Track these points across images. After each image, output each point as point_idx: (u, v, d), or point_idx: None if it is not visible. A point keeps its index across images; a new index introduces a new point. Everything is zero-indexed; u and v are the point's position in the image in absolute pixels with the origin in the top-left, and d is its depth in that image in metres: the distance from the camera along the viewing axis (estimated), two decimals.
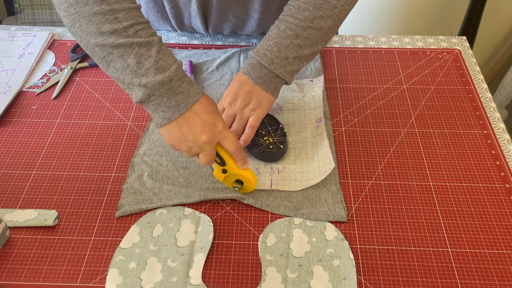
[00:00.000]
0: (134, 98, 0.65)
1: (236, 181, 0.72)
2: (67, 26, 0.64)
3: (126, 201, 0.73)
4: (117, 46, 0.62)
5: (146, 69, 0.63)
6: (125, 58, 0.62)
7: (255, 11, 0.93)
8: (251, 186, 0.73)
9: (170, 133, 0.66)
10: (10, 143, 0.83)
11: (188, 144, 0.67)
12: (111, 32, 0.61)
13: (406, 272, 0.65)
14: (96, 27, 0.61)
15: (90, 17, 0.61)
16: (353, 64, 0.98)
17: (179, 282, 0.64)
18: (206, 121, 0.66)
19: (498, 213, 0.72)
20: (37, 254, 0.67)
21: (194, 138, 0.66)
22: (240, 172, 0.71)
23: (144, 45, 0.63)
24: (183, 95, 0.65)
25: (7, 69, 0.96)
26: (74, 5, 0.61)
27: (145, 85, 0.63)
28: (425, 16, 1.74)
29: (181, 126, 0.66)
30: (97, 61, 0.65)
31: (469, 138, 0.83)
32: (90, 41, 0.63)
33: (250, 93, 0.75)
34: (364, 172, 0.78)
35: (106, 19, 0.61)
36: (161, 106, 0.64)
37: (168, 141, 0.68)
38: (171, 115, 0.65)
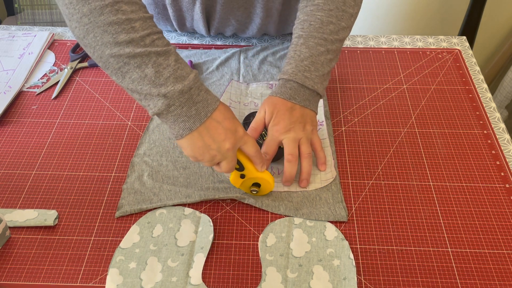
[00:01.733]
0: (152, 109, 0.62)
1: (253, 184, 0.72)
2: (79, 38, 0.62)
3: (126, 201, 0.73)
4: (134, 56, 0.60)
5: (165, 78, 0.61)
6: (143, 68, 0.60)
7: (257, 16, 0.93)
8: (269, 187, 0.72)
9: (192, 143, 0.64)
10: (10, 143, 0.83)
11: (212, 153, 0.65)
12: (128, 41, 0.59)
13: (406, 272, 0.65)
14: (112, 37, 0.59)
15: (106, 27, 0.59)
16: (353, 64, 0.98)
17: (179, 282, 0.64)
18: (227, 128, 0.65)
19: (498, 213, 0.72)
20: (37, 254, 0.67)
21: (218, 146, 0.65)
22: (259, 175, 0.70)
23: (162, 54, 0.61)
24: (203, 103, 0.63)
25: (7, 69, 0.96)
26: (88, 16, 0.59)
27: (165, 94, 0.61)
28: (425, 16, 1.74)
29: (203, 136, 0.64)
30: (111, 72, 0.62)
31: (469, 138, 0.83)
32: (104, 52, 0.60)
33: (303, 116, 0.74)
34: (364, 172, 0.78)
35: (122, 29, 0.59)
36: (181, 116, 0.63)
37: (190, 153, 0.66)
38: (192, 125, 0.63)
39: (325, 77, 0.76)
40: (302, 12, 0.78)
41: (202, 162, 0.67)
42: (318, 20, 0.75)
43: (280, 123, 0.73)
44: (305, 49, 0.75)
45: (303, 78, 0.73)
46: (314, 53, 0.74)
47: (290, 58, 0.76)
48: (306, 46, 0.75)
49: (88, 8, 0.58)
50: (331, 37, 0.75)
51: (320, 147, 0.76)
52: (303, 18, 0.77)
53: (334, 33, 0.76)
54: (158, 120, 0.86)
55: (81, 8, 0.58)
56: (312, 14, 0.76)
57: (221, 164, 0.67)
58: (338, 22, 0.76)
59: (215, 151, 0.65)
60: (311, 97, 0.75)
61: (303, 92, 0.74)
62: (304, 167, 0.74)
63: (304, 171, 0.74)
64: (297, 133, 0.74)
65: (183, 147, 0.66)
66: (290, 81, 0.74)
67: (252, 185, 0.72)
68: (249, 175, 0.70)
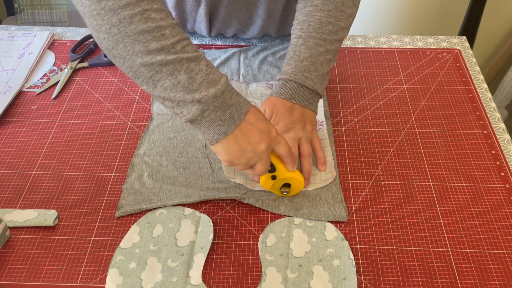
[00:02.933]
0: (186, 116, 0.62)
1: (284, 185, 0.71)
2: (107, 49, 0.60)
3: (126, 201, 0.73)
4: (166, 63, 0.59)
5: (198, 84, 0.60)
6: (175, 75, 0.59)
7: (259, 18, 0.93)
8: (300, 186, 0.72)
9: (228, 148, 0.64)
10: (10, 143, 0.83)
11: (248, 156, 0.65)
12: (160, 49, 0.58)
13: (406, 272, 0.65)
14: (143, 46, 0.58)
15: (136, 36, 0.58)
16: (353, 64, 0.98)
17: (179, 282, 0.64)
18: (261, 129, 0.64)
19: (498, 213, 0.72)
20: (37, 254, 0.67)
21: (254, 148, 0.64)
22: (289, 175, 0.70)
23: (193, 60, 0.60)
24: (235, 106, 0.63)
25: (7, 69, 0.96)
26: (117, 26, 0.58)
27: (199, 100, 0.60)
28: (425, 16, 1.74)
29: (238, 139, 0.63)
30: (142, 82, 0.61)
31: (469, 138, 0.83)
32: (135, 62, 0.59)
33: (303, 116, 0.75)
34: (364, 172, 0.78)
35: (153, 37, 0.58)
36: (216, 121, 0.62)
37: (225, 157, 0.65)
38: (227, 129, 0.62)
39: (324, 77, 0.76)
40: (300, 12, 0.79)
41: (237, 166, 0.66)
42: (317, 21, 0.75)
43: (280, 123, 0.73)
44: (304, 49, 0.75)
45: (303, 78, 0.74)
46: (313, 53, 0.74)
47: (289, 59, 0.76)
48: (305, 47, 0.75)
49: (118, 18, 0.57)
50: (330, 37, 0.75)
51: (320, 147, 0.76)
52: (302, 18, 0.77)
53: (333, 34, 0.76)
54: (158, 120, 0.86)
55: (110, 19, 0.57)
56: (311, 14, 0.76)
57: (256, 166, 0.66)
58: (337, 22, 0.76)
59: (251, 153, 0.64)
60: (311, 97, 0.75)
61: (303, 92, 0.74)
62: (305, 167, 0.74)
63: (305, 170, 0.74)
64: (297, 133, 0.74)
65: (218, 152, 0.65)
66: (290, 81, 0.74)
67: (282, 186, 0.72)
68: (280, 176, 0.70)
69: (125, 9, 0.57)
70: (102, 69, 0.97)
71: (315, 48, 0.75)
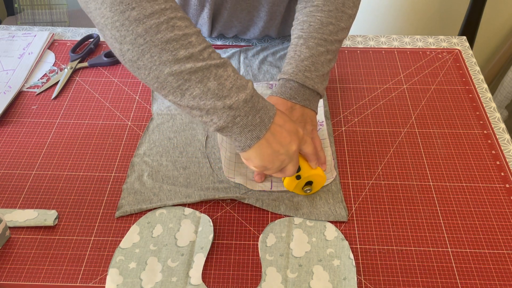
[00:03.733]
0: (216, 123, 0.60)
1: (306, 183, 0.71)
2: (131, 60, 0.58)
3: (126, 201, 0.73)
4: (195, 71, 0.58)
5: (228, 89, 0.59)
6: (205, 82, 0.58)
7: (260, 19, 0.93)
8: (322, 182, 0.72)
9: (261, 152, 0.63)
10: (10, 143, 0.83)
11: (281, 158, 0.64)
12: (188, 57, 0.57)
13: (406, 272, 0.65)
14: (171, 55, 0.56)
15: (163, 45, 0.56)
16: (353, 64, 0.98)
17: (179, 282, 0.64)
18: (290, 130, 0.64)
19: (498, 213, 0.72)
20: (37, 254, 0.67)
21: (286, 150, 0.64)
22: (312, 172, 0.70)
23: (221, 66, 0.59)
24: (264, 110, 0.62)
25: (7, 69, 0.96)
26: (143, 36, 0.55)
27: (230, 106, 0.59)
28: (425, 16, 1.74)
29: (270, 142, 0.63)
30: (168, 92, 0.59)
31: (469, 138, 0.83)
32: (163, 71, 0.57)
33: (303, 116, 0.74)
34: (364, 172, 0.78)
35: (180, 45, 0.57)
36: (247, 126, 0.61)
37: (259, 162, 0.64)
38: (259, 133, 0.62)
39: (325, 77, 0.76)
40: (301, 13, 0.79)
41: (270, 170, 0.66)
42: (318, 21, 0.75)
43: None
44: (305, 49, 0.75)
45: (303, 78, 0.74)
46: (314, 53, 0.74)
47: (290, 58, 0.76)
48: (306, 47, 0.75)
49: (143, 28, 0.55)
50: (331, 37, 0.76)
51: (320, 147, 0.76)
52: (302, 19, 0.77)
53: (334, 34, 0.76)
54: (158, 120, 0.86)
55: (135, 29, 0.55)
56: (312, 15, 0.76)
57: (287, 168, 0.66)
58: (338, 23, 0.76)
59: (283, 155, 0.64)
60: (311, 97, 0.75)
61: (303, 92, 0.74)
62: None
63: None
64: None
65: (251, 159, 0.64)
66: (290, 81, 0.74)
67: (305, 185, 0.72)
68: (305, 174, 0.70)
69: (150, 18, 0.55)
70: (102, 69, 0.97)
71: (316, 48, 0.75)
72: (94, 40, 1.02)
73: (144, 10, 0.55)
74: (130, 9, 0.55)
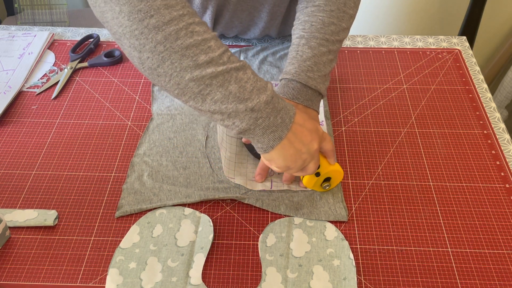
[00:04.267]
0: (238, 126, 0.60)
1: (325, 180, 0.72)
2: (151, 68, 0.57)
3: (126, 201, 0.73)
4: (216, 75, 0.57)
5: (249, 92, 0.59)
6: (226, 86, 0.58)
7: (261, 20, 0.93)
8: (340, 177, 0.73)
9: (284, 152, 0.64)
10: (10, 143, 0.83)
11: (303, 157, 0.65)
12: (208, 62, 0.57)
13: (406, 272, 0.65)
14: (191, 60, 0.56)
15: (184, 51, 0.56)
16: (353, 64, 0.98)
17: (179, 282, 0.64)
18: (311, 129, 0.65)
19: (498, 213, 0.72)
20: (37, 254, 0.67)
21: (308, 148, 0.64)
22: (331, 168, 0.70)
23: (240, 69, 0.59)
24: (284, 110, 0.63)
25: (7, 69, 0.96)
26: (162, 43, 0.55)
27: (252, 108, 0.59)
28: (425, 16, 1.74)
29: (292, 142, 0.63)
30: (189, 98, 0.59)
31: (469, 138, 0.83)
32: (184, 78, 0.57)
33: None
34: (364, 172, 0.78)
35: (200, 50, 0.56)
36: (270, 127, 0.61)
37: (282, 163, 0.65)
38: (281, 133, 0.62)
39: (326, 77, 0.76)
40: (302, 13, 0.78)
41: (292, 170, 0.66)
42: (319, 21, 0.75)
43: None
44: (307, 49, 0.75)
45: (306, 78, 0.74)
46: (316, 54, 0.74)
47: (292, 58, 0.76)
48: (308, 47, 0.75)
49: (163, 35, 0.55)
50: (333, 37, 0.75)
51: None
52: (303, 18, 0.77)
53: (335, 34, 0.76)
54: (158, 120, 0.86)
55: (154, 37, 0.55)
56: (313, 15, 0.76)
57: (308, 166, 0.67)
58: (339, 23, 0.76)
59: (305, 154, 0.65)
60: (313, 97, 0.75)
61: (305, 92, 0.74)
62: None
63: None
64: None
65: (274, 159, 0.65)
66: (292, 81, 0.74)
67: (323, 181, 0.72)
68: (324, 171, 0.70)
69: (169, 25, 0.55)
70: (102, 69, 0.97)
71: (318, 48, 0.75)
72: (94, 40, 1.02)
73: (162, 17, 0.55)
74: (148, 17, 0.54)
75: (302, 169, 0.67)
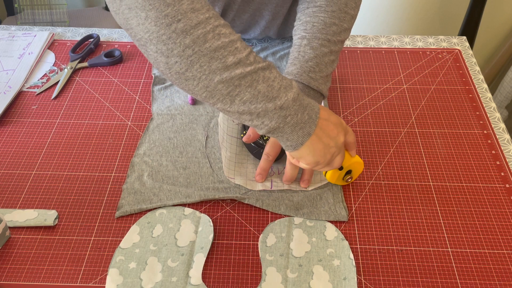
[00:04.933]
0: (267, 125, 0.61)
1: (346, 173, 0.72)
2: (179, 73, 0.57)
3: (126, 201, 0.73)
4: (245, 76, 0.57)
5: (277, 90, 0.59)
6: (255, 86, 0.58)
7: (263, 19, 0.93)
8: (360, 168, 0.74)
9: (313, 148, 0.64)
10: (10, 143, 0.83)
11: (332, 151, 0.65)
12: (237, 63, 0.57)
13: (406, 272, 0.65)
14: (220, 62, 0.56)
15: (212, 53, 0.56)
16: (353, 64, 0.98)
17: (179, 282, 0.64)
18: (336, 123, 0.65)
19: (498, 213, 0.72)
20: (37, 254, 0.67)
21: (335, 142, 0.65)
22: (353, 160, 0.71)
23: (266, 68, 0.60)
24: (310, 106, 0.63)
25: (7, 69, 0.96)
26: (191, 47, 0.55)
27: (281, 106, 0.59)
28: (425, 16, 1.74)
29: (321, 137, 0.64)
30: (217, 100, 0.59)
31: (469, 138, 0.83)
32: (213, 80, 0.57)
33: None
34: (364, 172, 0.78)
35: (228, 52, 0.57)
36: (298, 124, 0.62)
37: (312, 159, 0.65)
38: (309, 129, 0.62)
39: (328, 77, 0.76)
40: (303, 13, 0.78)
41: (320, 165, 0.67)
42: (321, 22, 0.75)
43: None
44: (309, 50, 0.75)
45: (308, 78, 0.74)
46: (318, 54, 0.74)
47: (294, 59, 0.76)
48: (310, 47, 0.75)
49: (191, 38, 0.55)
50: (334, 38, 0.75)
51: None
52: (305, 19, 0.77)
53: (337, 35, 0.76)
54: (158, 120, 0.86)
55: (182, 41, 0.55)
56: (315, 15, 0.76)
57: (336, 159, 0.67)
58: (341, 23, 0.76)
59: (333, 148, 0.65)
60: (315, 97, 0.75)
61: (307, 92, 0.74)
62: (306, 169, 0.74)
63: (306, 172, 0.74)
64: None
65: (303, 156, 0.65)
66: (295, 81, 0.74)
67: (345, 175, 0.73)
68: (345, 164, 0.71)
69: (197, 29, 0.55)
70: (102, 69, 0.97)
71: (320, 49, 0.75)
72: (94, 40, 1.02)
73: (190, 21, 0.54)
74: (176, 21, 0.54)
75: (329, 164, 0.68)
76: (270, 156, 0.73)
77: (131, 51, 1.01)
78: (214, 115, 0.87)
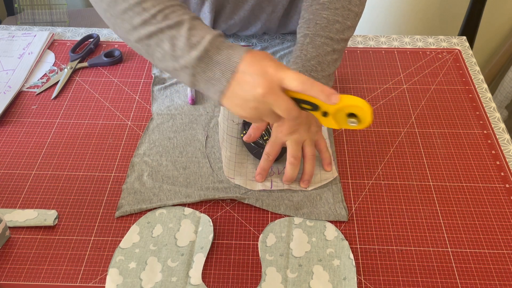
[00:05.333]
0: (185, 82, 0.62)
1: (349, 115, 0.60)
2: (117, 34, 0.65)
3: (126, 201, 0.73)
4: (151, 36, 0.60)
5: (181, 49, 0.59)
6: (161, 45, 0.60)
7: (263, 11, 0.92)
8: (366, 115, 0.58)
9: (232, 103, 0.61)
10: (10, 143, 0.83)
11: (252, 105, 0.59)
12: (142, 23, 0.60)
13: (406, 272, 0.65)
14: (129, 24, 0.61)
15: (122, 15, 0.61)
16: (353, 64, 0.98)
17: (179, 282, 0.64)
18: (253, 73, 0.58)
19: (498, 213, 0.72)
20: (37, 254, 0.67)
21: (252, 95, 0.58)
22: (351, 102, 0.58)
23: (174, 26, 0.60)
24: (226, 61, 0.59)
25: (7, 69, 0.96)
26: (108, 10, 0.62)
27: (185, 65, 0.60)
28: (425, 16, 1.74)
29: (236, 92, 0.59)
30: (145, 57, 0.64)
31: (469, 138, 0.83)
32: (130, 40, 0.62)
33: (308, 117, 0.73)
34: (364, 172, 0.78)
35: (134, 13, 0.60)
36: (209, 81, 0.60)
37: (237, 114, 0.62)
38: (220, 86, 0.60)
39: (330, 77, 0.76)
40: (307, 11, 0.78)
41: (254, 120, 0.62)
42: (324, 19, 0.75)
43: (284, 124, 0.72)
44: (311, 48, 0.74)
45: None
46: (320, 53, 0.74)
47: (296, 58, 0.75)
48: (312, 46, 0.74)
49: (106, 2, 0.61)
50: (337, 36, 0.75)
51: (325, 148, 0.76)
52: (308, 17, 0.77)
53: (340, 32, 0.75)
54: (158, 120, 0.86)
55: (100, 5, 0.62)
56: (318, 13, 0.75)
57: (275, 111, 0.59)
58: (344, 21, 0.75)
59: (252, 101, 0.59)
60: None
61: None
62: (307, 169, 0.74)
63: (307, 172, 0.74)
64: (302, 135, 0.73)
65: (233, 112, 0.62)
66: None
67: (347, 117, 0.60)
68: (328, 108, 0.59)
69: None
70: (102, 69, 0.97)
71: (322, 48, 0.74)
72: (94, 40, 1.02)
73: None
74: None
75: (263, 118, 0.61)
76: (270, 156, 0.73)
77: (131, 51, 1.01)
78: (214, 115, 0.87)
